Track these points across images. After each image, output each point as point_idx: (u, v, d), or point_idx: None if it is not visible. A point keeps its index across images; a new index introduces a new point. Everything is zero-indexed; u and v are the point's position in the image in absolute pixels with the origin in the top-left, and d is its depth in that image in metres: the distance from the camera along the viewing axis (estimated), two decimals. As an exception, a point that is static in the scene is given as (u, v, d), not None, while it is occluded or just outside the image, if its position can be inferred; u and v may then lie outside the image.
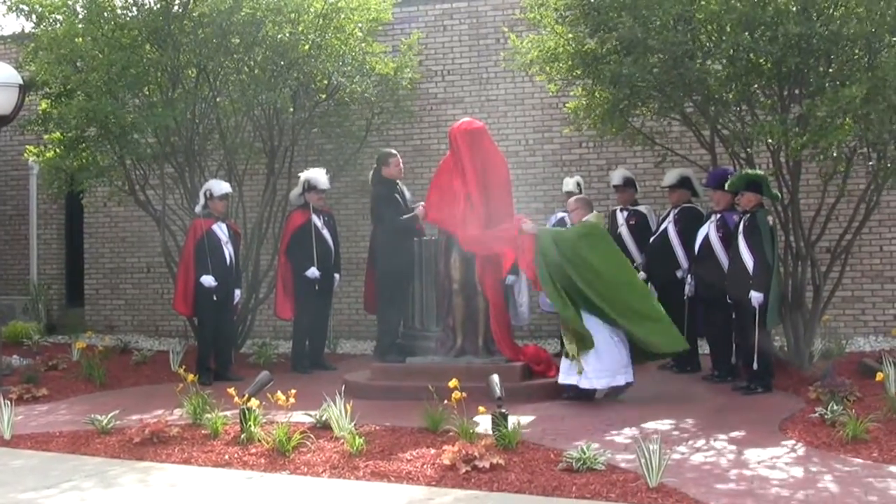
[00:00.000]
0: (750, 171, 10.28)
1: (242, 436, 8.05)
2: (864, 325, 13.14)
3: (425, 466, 7.20)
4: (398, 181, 11.92)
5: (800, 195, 10.97)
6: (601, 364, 9.55)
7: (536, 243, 9.82)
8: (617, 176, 12.37)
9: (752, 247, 9.84)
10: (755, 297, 9.71)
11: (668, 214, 11.60)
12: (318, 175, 12.17)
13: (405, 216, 11.38)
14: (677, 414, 8.95)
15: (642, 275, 11.59)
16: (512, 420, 7.76)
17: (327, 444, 7.85)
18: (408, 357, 10.56)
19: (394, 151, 12.02)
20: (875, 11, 9.32)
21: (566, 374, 9.63)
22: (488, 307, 10.30)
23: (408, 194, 12.22)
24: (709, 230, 10.61)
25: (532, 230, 9.95)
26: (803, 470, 6.99)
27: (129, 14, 12.59)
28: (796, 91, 10.37)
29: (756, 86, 10.44)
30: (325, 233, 12.17)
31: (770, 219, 10.01)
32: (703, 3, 9.88)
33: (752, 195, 10.00)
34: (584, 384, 9.54)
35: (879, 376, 8.78)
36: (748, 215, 10.00)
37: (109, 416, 8.70)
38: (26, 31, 13.82)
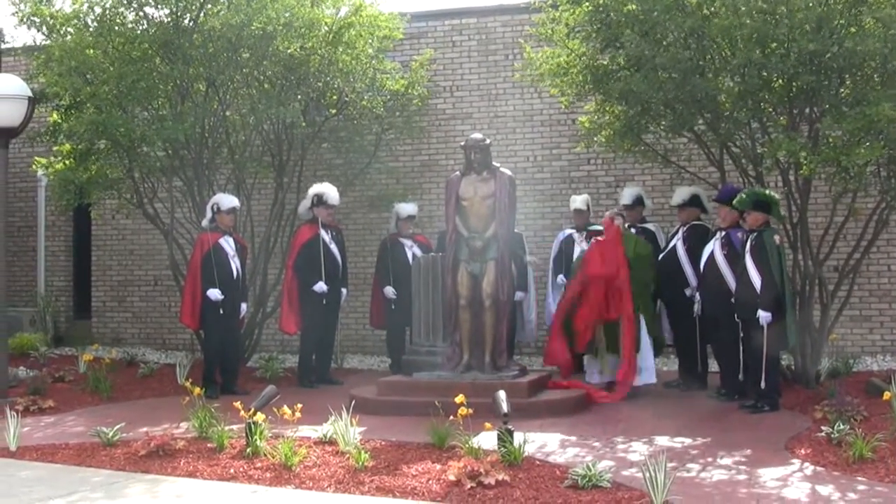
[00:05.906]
0: (759, 190, 10.24)
1: (248, 450, 8.04)
2: (871, 345, 13.10)
3: (431, 482, 7.18)
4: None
5: (808, 214, 10.96)
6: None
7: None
8: (628, 195, 12.29)
9: (760, 266, 9.80)
10: (763, 316, 9.67)
11: (676, 232, 11.56)
12: (328, 190, 12.16)
13: None
14: (684, 432, 8.93)
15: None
16: (518, 436, 7.75)
17: (333, 459, 7.84)
18: (414, 372, 10.56)
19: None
20: (891, 29, 9.28)
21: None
22: (495, 323, 10.30)
23: (412, 209, 12.46)
24: (714, 248, 10.57)
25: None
26: (809, 489, 6.96)
27: (140, 27, 12.64)
28: (806, 110, 10.35)
29: (767, 104, 10.42)
30: (333, 247, 12.15)
31: (777, 238, 9.96)
32: (715, 19, 9.85)
33: (759, 214, 9.96)
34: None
35: (887, 395, 8.75)
36: (755, 234, 9.96)
37: (115, 428, 8.70)
38: (37, 42, 13.87)
